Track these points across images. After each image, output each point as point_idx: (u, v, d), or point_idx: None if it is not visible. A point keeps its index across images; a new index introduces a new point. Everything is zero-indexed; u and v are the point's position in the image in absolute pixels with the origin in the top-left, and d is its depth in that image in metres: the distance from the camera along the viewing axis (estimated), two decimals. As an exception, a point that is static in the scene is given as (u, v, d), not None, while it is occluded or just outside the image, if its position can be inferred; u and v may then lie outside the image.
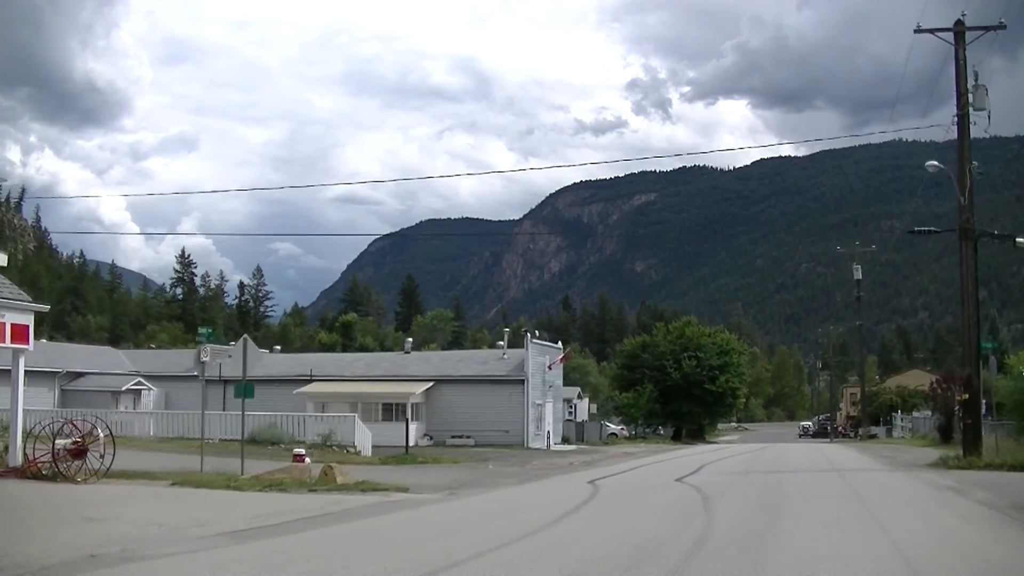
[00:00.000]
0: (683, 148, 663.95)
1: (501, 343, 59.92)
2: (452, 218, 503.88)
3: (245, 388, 26.61)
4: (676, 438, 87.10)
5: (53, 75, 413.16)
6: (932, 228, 51.12)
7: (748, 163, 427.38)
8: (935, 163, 33.59)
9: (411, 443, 51.95)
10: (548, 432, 55.00)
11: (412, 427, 52.54)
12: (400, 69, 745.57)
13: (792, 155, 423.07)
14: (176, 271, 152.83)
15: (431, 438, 53.29)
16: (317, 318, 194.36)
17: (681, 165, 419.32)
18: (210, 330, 29.98)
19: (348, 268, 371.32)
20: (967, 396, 31.20)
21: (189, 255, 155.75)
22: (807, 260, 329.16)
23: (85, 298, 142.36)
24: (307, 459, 25.83)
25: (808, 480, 26.75)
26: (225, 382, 55.98)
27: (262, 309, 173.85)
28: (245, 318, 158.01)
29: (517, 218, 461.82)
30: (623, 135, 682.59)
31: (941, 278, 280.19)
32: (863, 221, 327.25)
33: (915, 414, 74.89)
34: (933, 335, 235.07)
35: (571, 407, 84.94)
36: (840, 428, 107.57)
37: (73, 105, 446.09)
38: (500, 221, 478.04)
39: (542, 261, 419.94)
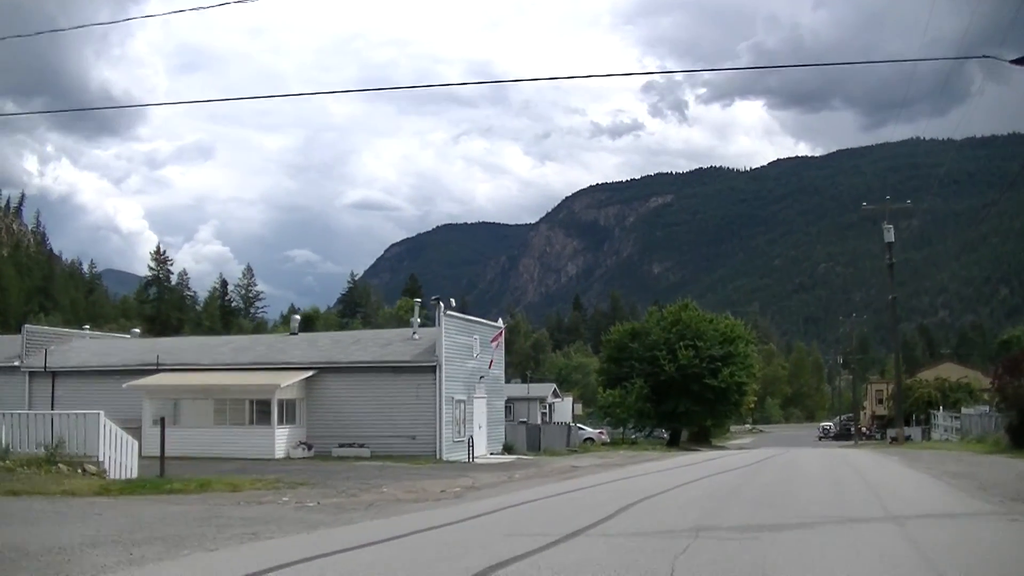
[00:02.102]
0: (700, 150, 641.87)
1: (416, 320, 42.94)
2: (468, 222, 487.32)
3: None
4: (673, 443, 70.72)
5: (69, 85, 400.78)
6: None
7: (765, 163, 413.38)
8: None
9: (281, 454, 36.37)
10: (472, 439, 38.57)
11: (281, 432, 36.91)
12: (415, 74, 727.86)
13: (809, 155, 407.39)
14: (151, 268, 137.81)
15: (309, 447, 37.32)
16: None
17: (697, 166, 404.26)
18: None
19: (365, 274, 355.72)
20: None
21: (164, 251, 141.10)
22: (825, 260, 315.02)
23: (55, 298, 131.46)
24: None
25: (831, 560, 10.41)
26: (54, 374, 40.97)
27: (252, 310, 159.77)
28: (229, 319, 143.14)
29: (533, 221, 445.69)
30: (639, 137, 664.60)
31: (960, 277, 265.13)
32: (881, 220, 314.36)
33: (965, 410, 57.88)
34: (955, 332, 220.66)
35: (545, 407, 68.89)
36: (865, 429, 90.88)
37: (89, 114, 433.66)
38: (516, 225, 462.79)
39: (559, 264, 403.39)
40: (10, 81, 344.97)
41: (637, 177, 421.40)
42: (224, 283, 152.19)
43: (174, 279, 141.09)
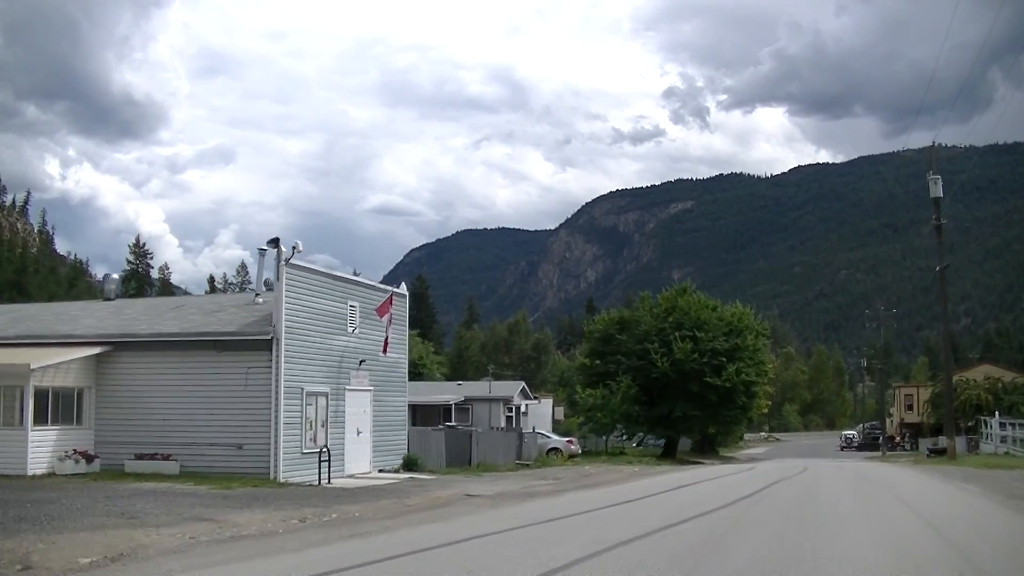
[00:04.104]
0: (721, 156, 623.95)
1: (271, 279, 28.87)
2: (488, 228, 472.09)
3: None
4: (668, 454, 57.12)
5: (91, 88, 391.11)
6: None
7: (786, 170, 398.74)
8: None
9: (42, 468, 23.48)
10: (330, 451, 25.05)
11: (42, 436, 24.12)
12: (436, 79, 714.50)
13: (830, 161, 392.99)
14: (129, 262, 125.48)
15: (89, 458, 24.21)
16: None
17: (718, 172, 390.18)
18: None
19: (384, 279, 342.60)
20: None
21: (144, 244, 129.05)
22: (846, 267, 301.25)
23: (29, 293, 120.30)
24: None
25: None
26: None
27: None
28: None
29: (553, 227, 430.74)
30: (661, 144, 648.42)
31: (983, 284, 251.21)
32: (903, 227, 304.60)
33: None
34: (981, 338, 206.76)
35: (510, 410, 55.48)
36: (895, 439, 76.85)
37: (111, 118, 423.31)
38: (536, 231, 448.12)
39: (578, 270, 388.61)
40: (33, 83, 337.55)
41: (657, 183, 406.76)
42: (211, 279, 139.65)
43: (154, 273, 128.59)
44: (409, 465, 29.50)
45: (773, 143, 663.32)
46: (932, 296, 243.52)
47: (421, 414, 51.90)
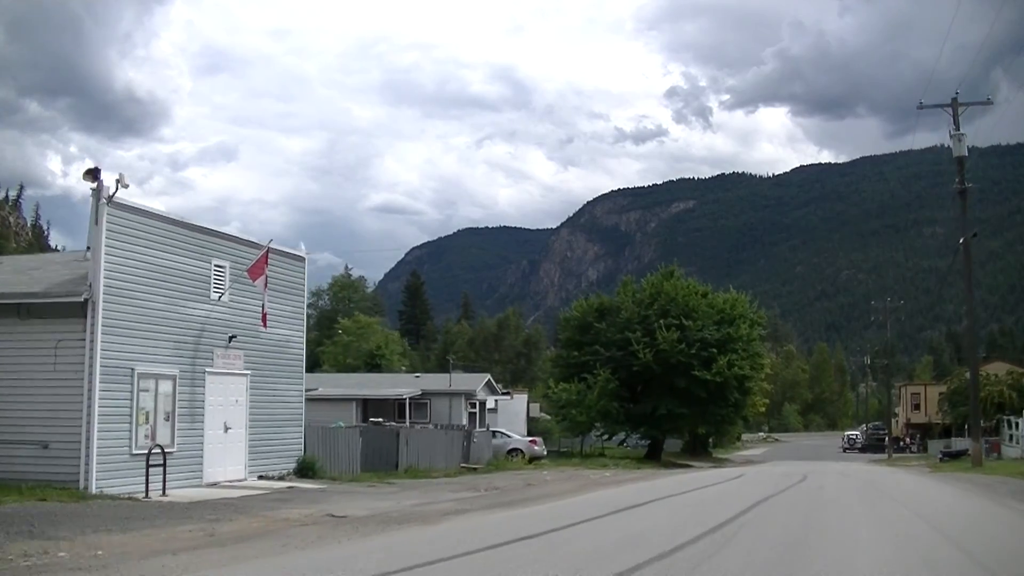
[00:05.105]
0: (723, 156, 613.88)
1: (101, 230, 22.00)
2: (490, 227, 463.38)
3: None
4: (653, 456, 50.62)
5: (93, 85, 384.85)
6: None
7: (788, 170, 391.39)
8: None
9: None
10: (190, 451, 18.59)
11: None
12: (439, 78, 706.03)
13: (832, 161, 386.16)
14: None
15: None
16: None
17: (720, 172, 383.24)
18: None
19: (385, 277, 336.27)
20: None
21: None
22: (848, 267, 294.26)
23: None
24: None
25: None
26: None
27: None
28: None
29: (555, 226, 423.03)
30: (663, 144, 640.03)
31: (985, 285, 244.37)
32: (905, 227, 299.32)
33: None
34: (984, 339, 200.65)
35: (473, 405, 49.03)
36: (903, 440, 70.26)
37: (113, 115, 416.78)
38: (538, 230, 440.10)
39: (580, 269, 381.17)
40: (35, 80, 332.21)
41: (659, 183, 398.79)
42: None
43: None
44: (304, 470, 23.06)
45: (775, 143, 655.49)
46: (934, 297, 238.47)
47: (373, 409, 45.50)
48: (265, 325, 21.58)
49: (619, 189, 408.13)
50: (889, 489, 23.26)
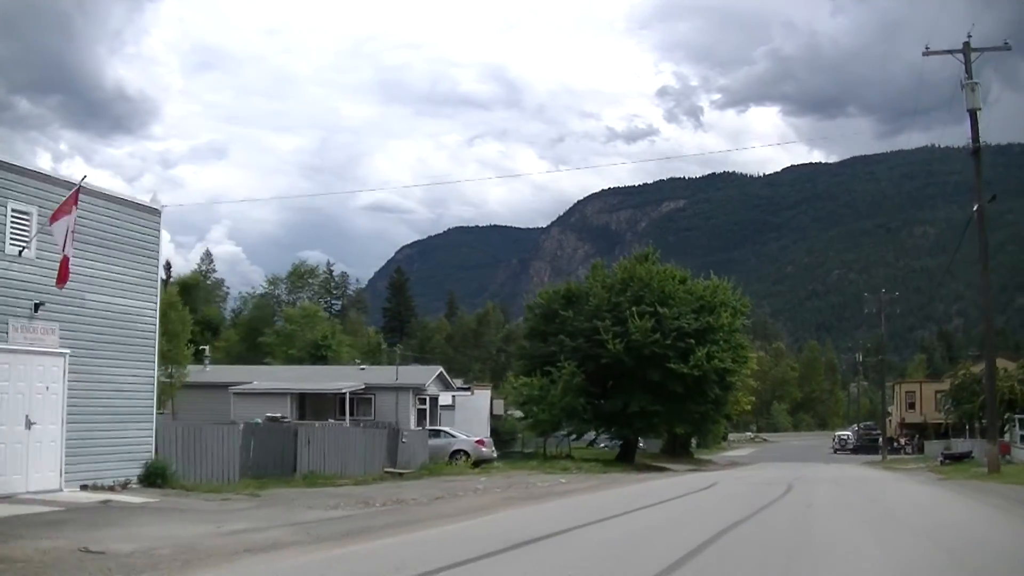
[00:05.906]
0: (714, 155, 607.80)
1: None
2: (480, 225, 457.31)
3: None
4: (625, 458, 45.49)
5: (83, 83, 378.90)
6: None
7: (779, 169, 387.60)
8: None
9: None
10: None
11: None
12: (430, 77, 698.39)
13: (823, 161, 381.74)
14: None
15: None
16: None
17: (711, 171, 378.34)
18: None
19: (375, 275, 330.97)
20: None
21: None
22: (839, 267, 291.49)
23: None
24: None
25: None
26: None
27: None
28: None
29: (545, 225, 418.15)
30: (654, 143, 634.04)
31: (976, 284, 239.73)
32: (896, 227, 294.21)
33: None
34: (975, 338, 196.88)
35: (422, 401, 43.89)
36: (898, 441, 65.37)
37: (103, 112, 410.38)
38: (528, 228, 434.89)
39: (570, 268, 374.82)
40: (25, 77, 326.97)
41: (650, 182, 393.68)
42: (168, 266, 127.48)
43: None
44: (153, 478, 17.84)
45: (767, 142, 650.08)
46: (925, 296, 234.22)
47: (311, 405, 40.34)
48: (61, 284, 16.07)
49: (610, 188, 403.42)
50: (898, 508, 18.06)
